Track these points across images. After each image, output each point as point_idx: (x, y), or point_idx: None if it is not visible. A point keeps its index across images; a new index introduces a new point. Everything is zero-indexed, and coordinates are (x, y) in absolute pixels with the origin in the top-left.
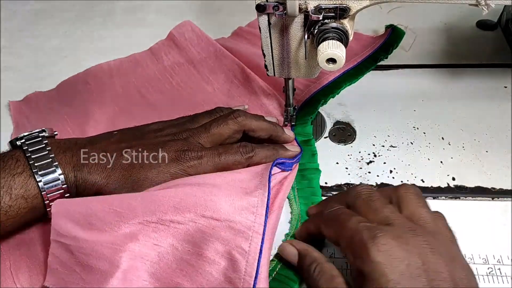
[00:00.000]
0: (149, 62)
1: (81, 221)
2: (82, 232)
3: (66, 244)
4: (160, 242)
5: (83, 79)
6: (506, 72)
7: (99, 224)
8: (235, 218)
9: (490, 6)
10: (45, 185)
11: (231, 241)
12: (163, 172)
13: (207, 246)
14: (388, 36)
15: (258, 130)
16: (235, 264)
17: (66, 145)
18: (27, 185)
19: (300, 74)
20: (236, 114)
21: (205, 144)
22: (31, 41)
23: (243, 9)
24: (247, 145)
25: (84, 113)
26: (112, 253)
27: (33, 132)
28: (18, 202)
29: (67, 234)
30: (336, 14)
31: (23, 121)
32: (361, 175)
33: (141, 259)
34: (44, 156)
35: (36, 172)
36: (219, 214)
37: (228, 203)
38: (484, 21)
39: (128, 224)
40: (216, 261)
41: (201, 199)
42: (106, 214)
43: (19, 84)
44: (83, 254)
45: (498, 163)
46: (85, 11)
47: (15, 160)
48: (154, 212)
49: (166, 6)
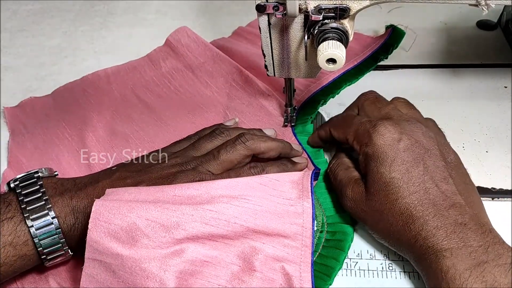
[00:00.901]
0: (147, 68)
1: (123, 237)
2: (124, 249)
3: (106, 262)
4: (210, 258)
5: (80, 86)
6: (506, 72)
7: (144, 240)
8: (285, 232)
9: (490, 6)
10: (37, 231)
11: (282, 256)
12: None
13: (259, 262)
14: (388, 36)
15: (268, 151)
16: (290, 279)
17: (64, 186)
18: (17, 231)
19: (300, 75)
20: (244, 138)
21: (215, 171)
22: (31, 41)
23: (243, 9)
24: (257, 165)
25: (82, 119)
26: (160, 271)
27: (29, 172)
28: (5, 249)
29: (106, 251)
30: (336, 14)
31: (19, 127)
32: None
33: (191, 277)
34: (37, 199)
35: (27, 216)
36: (269, 229)
37: (276, 217)
38: (484, 21)
39: (175, 240)
40: (269, 277)
41: (249, 212)
42: (152, 229)
43: (19, 84)
44: (127, 273)
45: (498, 163)
46: (85, 11)
47: (6, 204)
48: (204, 228)
49: (166, 6)
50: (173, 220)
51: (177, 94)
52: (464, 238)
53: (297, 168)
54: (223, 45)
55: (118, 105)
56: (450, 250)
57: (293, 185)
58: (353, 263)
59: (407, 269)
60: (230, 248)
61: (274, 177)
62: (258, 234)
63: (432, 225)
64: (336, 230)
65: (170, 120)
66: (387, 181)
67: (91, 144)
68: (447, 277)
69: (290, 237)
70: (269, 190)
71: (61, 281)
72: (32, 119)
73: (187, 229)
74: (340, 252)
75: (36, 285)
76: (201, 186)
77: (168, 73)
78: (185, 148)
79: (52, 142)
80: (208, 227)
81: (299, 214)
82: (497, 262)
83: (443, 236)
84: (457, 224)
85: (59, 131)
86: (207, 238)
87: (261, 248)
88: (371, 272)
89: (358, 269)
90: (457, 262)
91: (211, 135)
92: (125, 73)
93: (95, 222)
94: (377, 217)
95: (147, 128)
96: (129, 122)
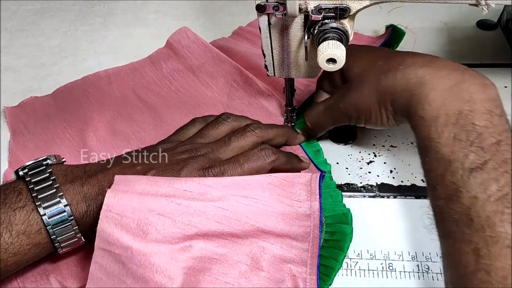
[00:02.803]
0: (148, 69)
1: (134, 229)
2: (134, 242)
3: (116, 253)
4: (219, 256)
5: (81, 86)
6: (506, 72)
7: (154, 234)
8: (294, 233)
9: (490, 6)
10: (50, 219)
11: (290, 257)
12: None
13: (267, 262)
14: (388, 36)
15: (276, 137)
16: (296, 281)
17: (74, 173)
18: (29, 220)
19: (300, 74)
20: (252, 127)
21: (224, 158)
22: (31, 41)
23: (243, 9)
24: (268, 148)
25: (83, 119)
26: (169, 266)
27: (37, 160)
28: (19, 239)
29: (117, 242)
30: (336, 14)
31: (20, 127)
32: (361, 175)
33: (199, 274)
34: (48, 187)
35: (39, 205)
36: (277, 230)
37: (284, 218)
38: (484, 21)
39: (187, 236)
40: (276, 277)
41: (259, 212)
42: (162, 224)
43: (19, 84)
44: (136, 265)
45: None
46: (85, 11)
47: (17, 193)
48: (215, 225)
49: (166, 6)
50: (185, 216)
51: (178, 94)
52: (440, 67)
53: (301, 166)
54: (223, 45)
55: (119, 105)
56: (429, 76)
57: (302, 187)
58: (353, 263)
59: (408, 269)
60: (239, 247)
61: (282, 177)
62: (267, 234)
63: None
64: (334, 230)
65: (170, 120)
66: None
67: (92, 144)
68: (429, 99)
69: (298, 239)
70: (278, 191)
71: (62, 279)
72: (33, 118)
73: (198, 226)
74: (339, 252)
75: (37, 285)
76: (213, 182)
77: (169, 74)
78: (192, 136)
79: (53, 142)
80: (219, 225)
81: (308, 216)
82: (473, 82)
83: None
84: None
85: (60, 131)
86: (217, 236)
87: (269, 248)
88: (371, 272)
89: (359, 269)
90: (437, 84)
91: (217, 121)
92: (126, 73)
93: (106, 214)
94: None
95: (148, 128)
96: (130, 122)
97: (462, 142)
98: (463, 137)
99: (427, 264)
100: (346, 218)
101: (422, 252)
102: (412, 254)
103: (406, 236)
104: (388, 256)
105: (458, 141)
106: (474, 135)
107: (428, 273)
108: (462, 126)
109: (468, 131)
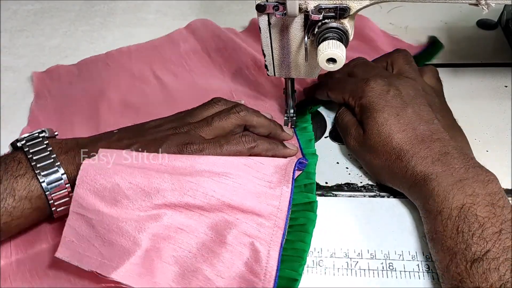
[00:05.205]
0: (167, 48)
1: (106, 196)
2: (106, 207)
3: (88, 217)
4: (184, 226)
5: (103, 60)
6: (506, 71)
7: (124, 202)
8: (260, 211)
9: (490, 5)
10: (48, 186)
11: (254, 232)
12: None
13: (231, 235)
14: (427, 47)
15: (259, 126)
16: (257, 255)
17: (68, 145)
18: (30, 186)
19: (300, 74)
20: (239, 108)
21: (206, 137)
22: (31, 41)
23: (243, 9)
24: (249, 134)
25: (101, 89)
26: (135, 231)
27: (33, 133)
28: (22, 203)
29: (90, 207)
30: (336, 14)
31: (44, 91)
32: (361, 175)
33: (163, 241)
34: (46, 157)
35: (39, 173)
36: (244, 206)
37: (253, 196)
38: (484, 21)
39: (154, 205)
40: (238, 250)
41: (228, 188)
42: (132, 192)
43: (19, 84)
44: (105, 229)
45: (498, 162)
46: (85, 11)
47: (17, 162)
48: (182, 196)
49: (166, 6)
50: (154, 186)
51: (191, 74)
52: (448, 163)
53: (285, 152)
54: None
55: (135, 80)
56: (435, 173)
57: (277, 170)
58: (354, 263)
59: (408, 268)
60: (204, 219)
61: (259, 160)
62: (233, 210)
63: (420, 156)
64: (298, 216)
65: (180, 99)
66: (380, 122)
67: (103, 113)
68: (434, 194)
69: (264, 216)
70: (252, 172)
71: None
72: (57, 84)
73: (166, 196)
74: (306, 234)
75: None
76: (187, 159)
77: (186, 54)
78: (183, 115)
79: (70, 107)
80: (186, 197)
81: (277, 196)
82: (476, 179)
83: (429, 163)
84: (441, 153)
85: (77, 99)
86: (184, 207)
87: (234, 223)
88: (372, 271)
89: (359, 269)
90: (442, 180)
91: (209, 103)
92: (146, 51)
93: (82, 180)
94: (373, 153)
95: (157, 104)
96: (142, 96)
97: (465, 234)
98: (466, 228)
99: (427, 264)
100: (312, 207)
101: (423, 251)
102: (412, 254)
103: (406, 235)
104: (388, 255)
105: (461, 233)
106: (476, 226)
107: (428, 272)
108: (465, 218)
109: (470, 223)
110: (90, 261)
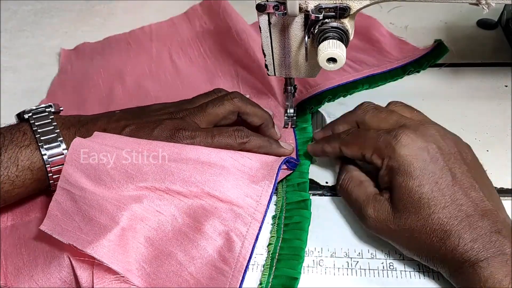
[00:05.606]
0: (185, 26)
1: (92, 174)
2: (90, 185)
3: (72, 192)
4: (162, 210)
5: (126, 39)
6: (506, 71)
7: (108, 181)
8: (239, 202)
9: (491, 5)
10: (49, 159)
11: (230, 222)
12: None
13: (207, 223)
14: (432, 49)
15: (253, 115)
16: (231, 245)
17: (70, 121)
18: (33, 158)
19: (300, 74)
20: (233, 95)
21: (200, 123)
22: (31, 41)
23: (243, 9)
24: (243, 129)
25: (119, 69)
26: (115, 210)
27: (40, 106)
28: (24, 173)
29: (75, 183)
30: (336, 13)
31: (67, 67)
32: None
33: (141, 222)
34: (50, 131)
35: (42, 145)
36: (224, 196)
37: (234, 187)
38: (484, 20)
39: (136, 186)
40: (213, 238)
41: (210, 178)
42: (117, 172)
43: (19, 84)
44: (86, 205)
45: (499, 162)
46: (85, 11)
47: (22, 133)
48: (163, 181)
49: (166, 6)
50: (138, 168)
51: (204, 58)
52: (500, 247)
53: (280, 151)
54: None
55: (151, 63)
56: (487, 260)
57: (263, 165)
58: (354, 263)
59: (408, 268)
60: (183, 205)
61: (247, 155)
62: (212, 199)
63: (468, 239)
64: (293, 214)
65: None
66: (417, 197)
67: (117, 93)
68: (487, 287)
69: (243, 207)
70: (237, 165)
71: None
72: (80, 61)
73: (148, 179)
74: (302, 232)
75: None
76: (175, 147)
77: (202, 34)
78: (181, 101)
79: (86, 85)
80: (167, 182)
81: (258, 190)
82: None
83: (480, 247)
84: (492, 233)
85: (95, 76)
86: (164, 191)
87: (212, 212)
88: (372, 271)
89: (359, 269)
90: (495, 271)
91: (208, 93)
92: (166, 30)
93: (71, 157)
94: (408, 235)
95: (167, 89)
96: (155, 81)
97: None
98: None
99: None
100: (306, 205)
101: None
102: None
103: None
104: (388, 255)
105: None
106: None
107: (428, 272)
108: None
109: None
110: (69, 235)
